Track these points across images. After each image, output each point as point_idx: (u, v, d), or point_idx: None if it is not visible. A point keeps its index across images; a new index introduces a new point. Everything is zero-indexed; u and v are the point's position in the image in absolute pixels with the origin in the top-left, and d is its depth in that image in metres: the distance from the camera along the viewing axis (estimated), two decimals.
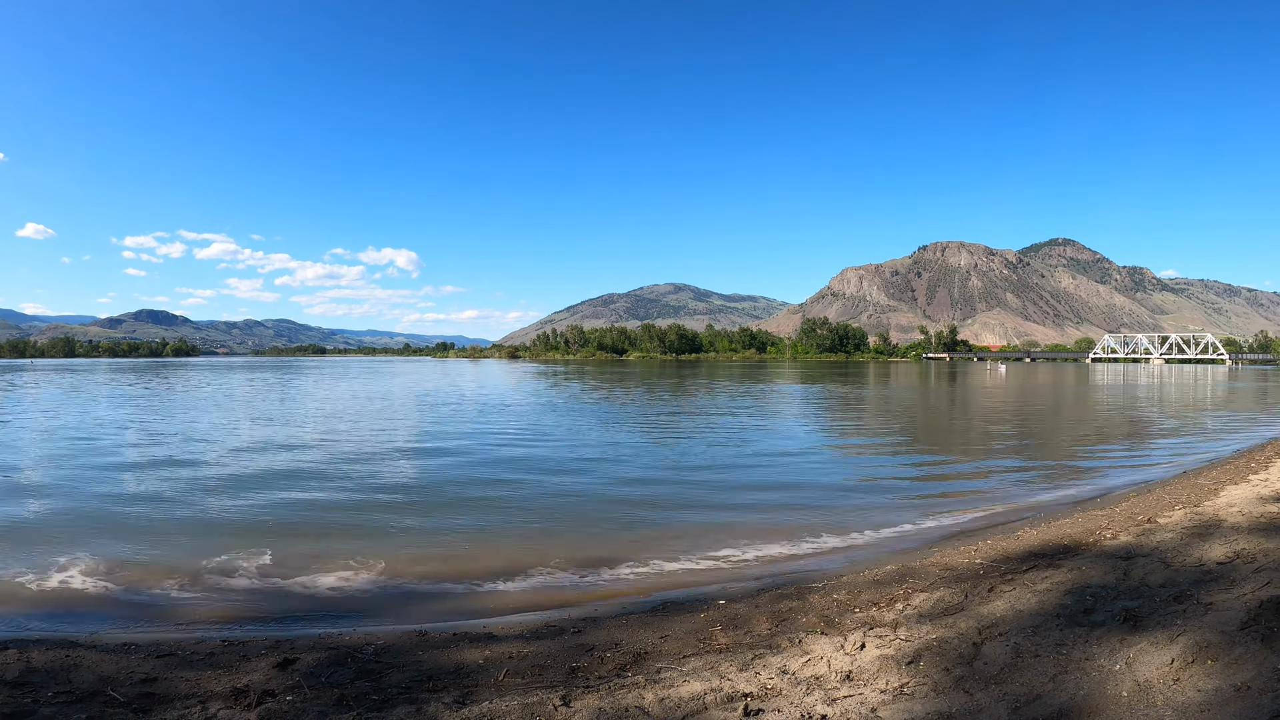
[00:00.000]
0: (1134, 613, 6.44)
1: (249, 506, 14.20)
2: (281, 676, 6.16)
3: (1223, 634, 5.57)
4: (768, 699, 5.45)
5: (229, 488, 15.93)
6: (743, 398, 48.59)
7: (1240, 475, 15.32)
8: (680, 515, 13.69)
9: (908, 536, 12.53)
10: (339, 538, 12.07)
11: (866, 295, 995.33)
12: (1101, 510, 13.20)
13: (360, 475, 17.82)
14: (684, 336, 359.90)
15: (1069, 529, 11.47)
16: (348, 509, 14.11)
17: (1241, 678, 4.80)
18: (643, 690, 5.63)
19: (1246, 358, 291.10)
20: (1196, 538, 9.37)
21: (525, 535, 12.29)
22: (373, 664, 6.57)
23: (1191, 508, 11.87)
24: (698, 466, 19.51)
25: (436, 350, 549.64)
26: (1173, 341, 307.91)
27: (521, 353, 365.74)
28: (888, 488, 16.82)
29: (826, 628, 7.30)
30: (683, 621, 7.97)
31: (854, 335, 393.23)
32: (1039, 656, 5.76)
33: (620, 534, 12.37)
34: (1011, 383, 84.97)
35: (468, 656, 6.81)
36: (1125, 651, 5.57)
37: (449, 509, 14.07)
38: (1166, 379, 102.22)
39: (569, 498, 15.10)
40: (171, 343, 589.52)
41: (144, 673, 6.28)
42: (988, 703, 5.08)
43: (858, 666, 6.01)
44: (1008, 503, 15.27)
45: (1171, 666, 5.17)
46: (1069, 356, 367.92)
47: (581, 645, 7.13)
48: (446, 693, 5.83)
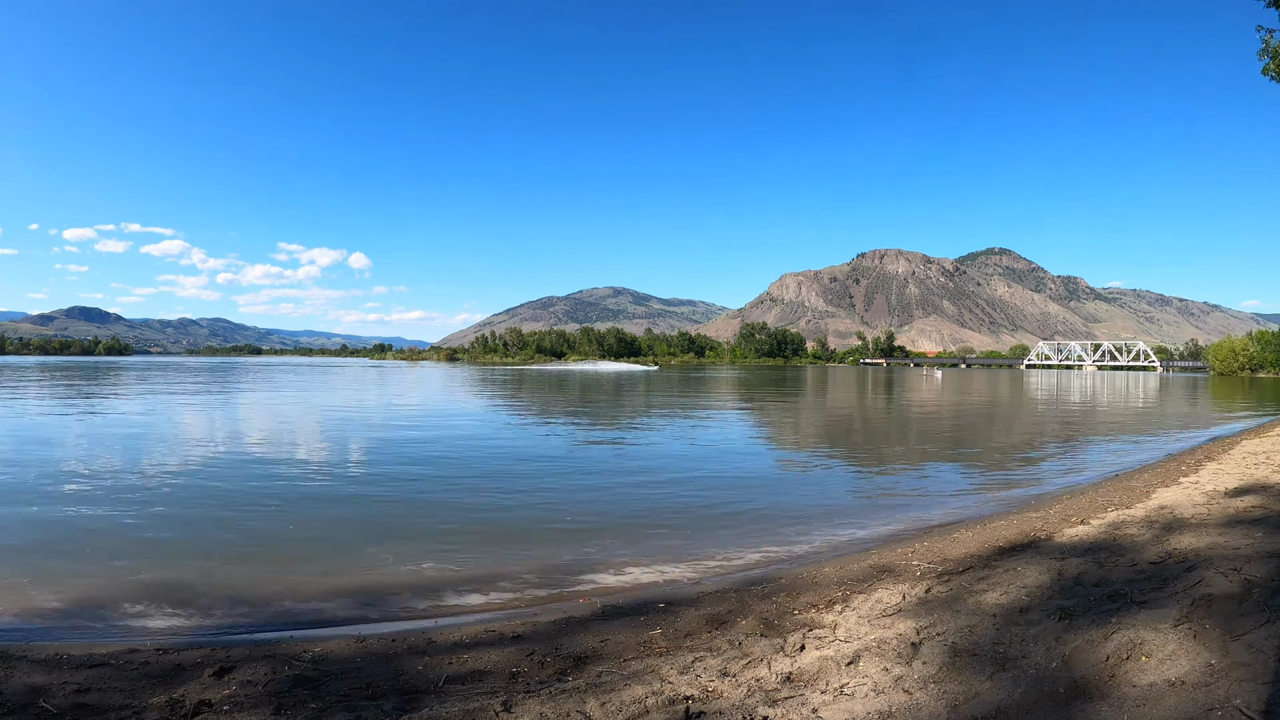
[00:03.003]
0: (1069, 611, 6.59)
1: (177, 520, 13.73)
2: (218, 685, 6.09)
3: (1156, 631, 5.73)
4: (709, 701, 5.47)
5: (155, 501, 15.37)
6: (683, 410, 48.66)
7: (1171, 478, 15.84)
8: (620, 525, 13.62)
9: (846, 541, 12.66)
10: (270, 549, 11.76)
11: (805, 301, 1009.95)
12: (1036, 512, 13.52)
13: (290, 487, 17.38)
14: (623, 340, 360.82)
15: (1004, 531, 11.72)
16: (277, 521, 13.75)
17: (1176, 673, 4.95)
18: (584, 694, 5.65)
19: (1177, 365, 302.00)
20: (1129, 538, 9.66)
21: (462, 545, 12.11)
22: (311, 671, 6.49)
23: (1124, 509, 12.24)
24: (636, 476, 19.48)
25: (374, 352, 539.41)
26: (1105, 349, 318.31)
27: (460, 355, 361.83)
28: (826, 495, 17.00)
29: (766, 630, 7.35)
30: (623, 626, 7.95)
31: (792, 340, 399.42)
32: (976, 655, 5.87)
33: (559, 543, 12.26)
34: (948, 389, 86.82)
35: (407, 663, 6.78)
36: (1061, 649, 5.70)
37: (383, 520, 13.80)
38: (1099, 385, 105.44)
39: (504, 510, 14.92)
40: (104, 341, 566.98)
41: (77, 683, 6.16)
42: (926, 701, 5.15)
43: (798, 668, 6.06)
44: (945, 506, 15.55)
45: (1107, 663, 5.30)
46: (1004, 363, 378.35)
47: (521, 650, 7.08)
48: (386, 700, 5.81)
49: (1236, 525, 9.64)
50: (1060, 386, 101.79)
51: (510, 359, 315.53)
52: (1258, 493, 12.39)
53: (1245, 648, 5.18)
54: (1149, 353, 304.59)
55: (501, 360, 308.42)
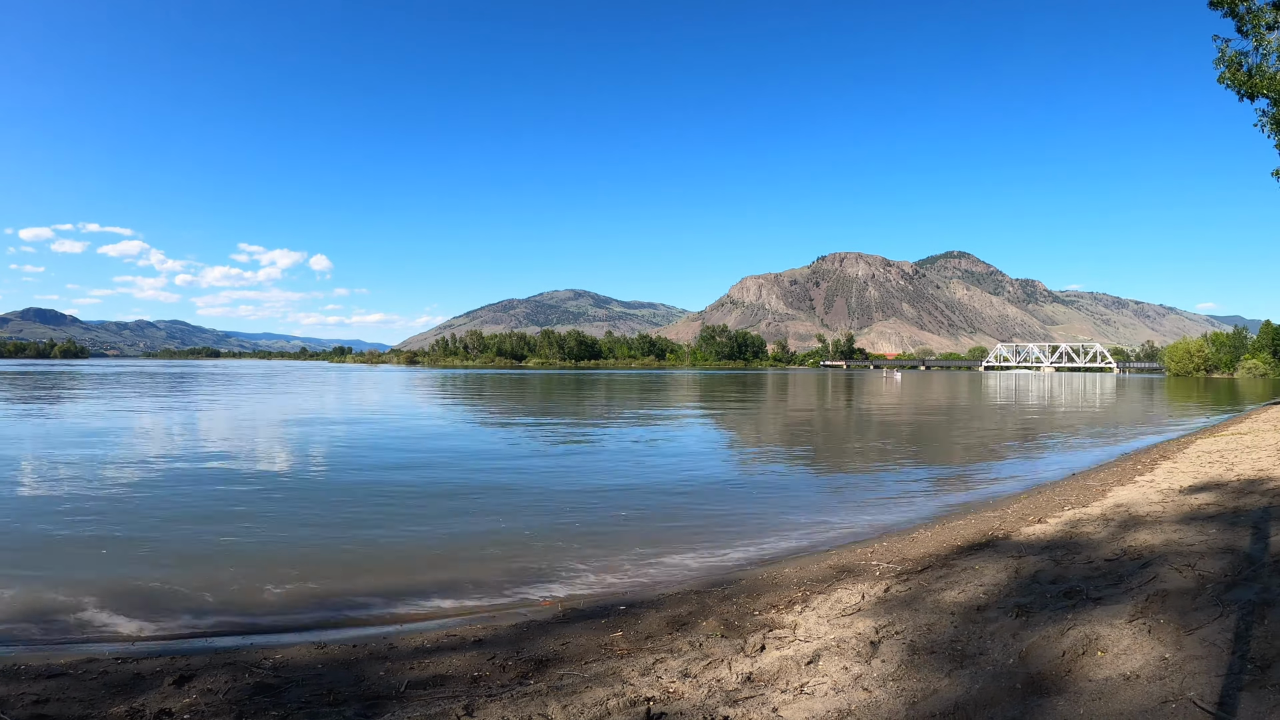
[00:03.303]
0: (1026, 609, 6.64)
1: (134, 528, 13.41)
2: (178, 694, 6.02)
3: (1112, 626, 5.79)
4: (670, 702, 5.45)
5: (110, 509, 15.01)
6: (642, 419, 48.67)
7: (1127, 477, 16.08)
8: (580, 529, 13.55)
9: (806, 543, 12.68)
10: (230, 555, 11.54)
11: (765, 304, 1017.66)
12: (994, 512, 13.66)
13: (248, 494, 17.08)
14: (584, 343, 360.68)
15: (963, 530, 11.82)
16: (235, 527, 13.50)
17: (1131, 667, 4.99)
18: (545, 697, 5.65)
19: (1133, 366, 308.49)
20: (1086, 536, 9.78)
21: (423, 550, 11.97)
22: (271, 679, 6.42)
23: (1081, 508, 12.40)
24: (595, 480, 19.42)
25: (333, 355, 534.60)
26: (1063, 351, 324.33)
27: (420, 358, 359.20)
28: (786, 497, 17.03)
29: (727, 631, 7.35)
30: (585, 629, 7.92)
31: (752, 343, 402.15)
32: (934, 654, 5.89)
33: (520, 548, 12.16)
34: (907, 391, 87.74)
35: (368, 669, 6.73)
36: (1018, 646, 5.74)
37: (342, 526, 13.60)
38: (1057, 387, 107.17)
39: (465, 515, 14.78)
40: (60, 344, 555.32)
41: (35, 694, 6.05)
42: (885, 699, 5.16)
43: (758, 668, 6.05)
44: (904, 507, 15.68)
45: (1063, 659, 5.34)
46: (963, 365, 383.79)
47: (483, 654, 7.03)
48: (347, 706, 5.78)
49: (1191, 522, 9.79)
50: (1018, 388, 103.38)
51: (471, 362, 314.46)
52: (1211, 490, 12.61)
53: (1199, 642, 5.24)
54: (1106, 354, 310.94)
55: (462, 363, 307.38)
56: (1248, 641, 5.10)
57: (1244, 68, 27.03)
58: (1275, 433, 23.31)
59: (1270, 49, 26.52)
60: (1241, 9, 26.42)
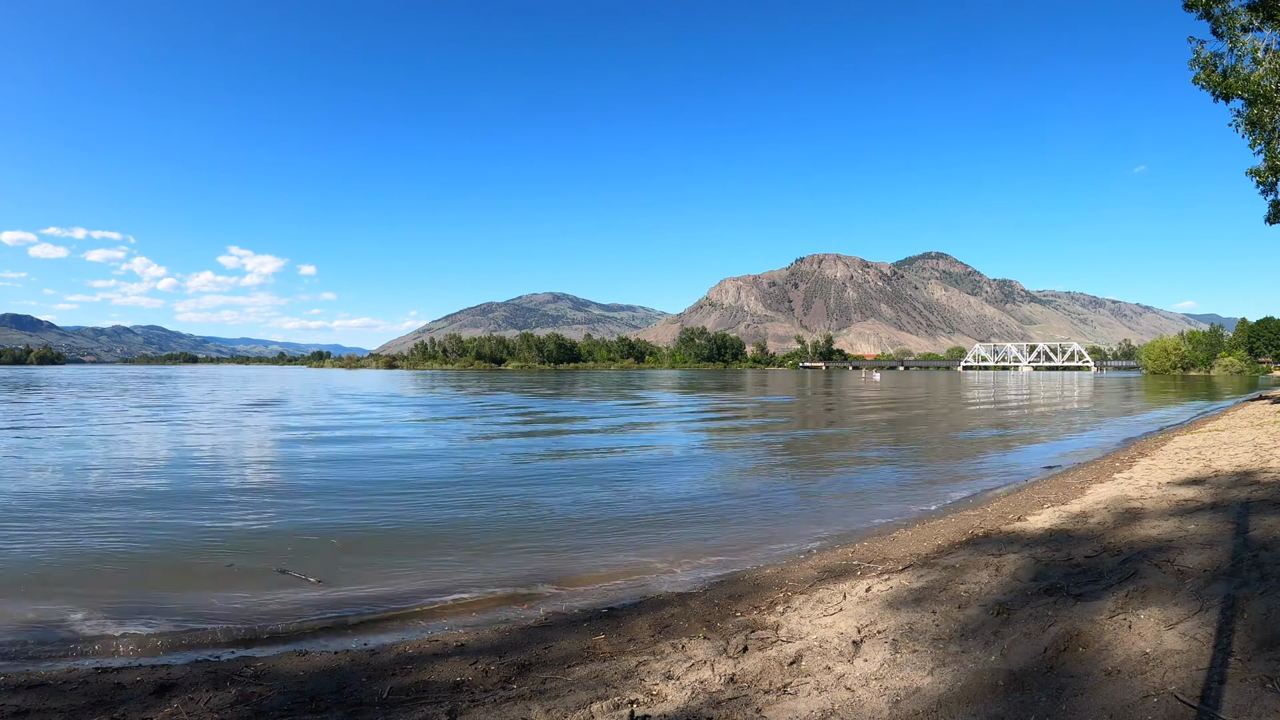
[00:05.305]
0: (1007, 606, 6.72)
1: (113, 537, 13.26)
2: (159, 704, 5.99)
3: (1093, 623, 5.88)
4: (653, 704, 5.48)
5: (87, 519, 14.82)
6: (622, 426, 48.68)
7: (1106, 474, 16.26)
8: (562, 533, 13.53)
9: (789, 545, 12.72)
10: (210, 564, 11.44)
11: (744, 305, 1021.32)
12: (975, 511, 13.77)
13: (227, 501, 16.94)
14: (563, 346, 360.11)
15: (944, 529, 11.92)
16: (215, 535, 13.38)
17: (1112, 662, 5.08)
18: (529, 701, 5.66)
19: (1111, 365, 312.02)
20: (1066, 533, 9.89)
21: (404, 557, 11.90)
22: (253, 687, 6.38)
23: (1060, 505, 12.53)
24: (576, 484, 19.40)
25: (311, 359, 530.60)
26: (1041, 350, 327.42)
27: (399, 362, 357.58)
28: (767, 499, 17.05)
29: (709, 632, 7.37)
30: (568, 633, 7.92)
31: (732, 345, 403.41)
32: (916, 651, 5.94)
33: (502, 553, 12.13)
34: (886, 391, 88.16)
35: (350, 676, 6.69)
36: (999, 643, 5.81)
37: (323, 535, 13.51)
38: (1035, 386, 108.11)
39: (446, 520, 14.71)
40: (36, 350, 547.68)
41: (15, 705, 6.00)
42: (867, 697, 5.20)
43: (741, 669, 6.08)
44: (885, 507, 15.74)
45: (1045, 655, 5.42)
46: (942, 365, 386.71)
47: (466, 660, 7.01)
48: (330, 713, 5.76)
49: (1170, 518, 9.94)
50: (997, 387, 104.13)
51: (450, 366, 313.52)
52: (1190, 486, 12.79)
53: (1180, 636, 5.33)
54: (1083, 353, 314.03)
55: (441, 367, 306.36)
56: (1228, 635, 5.19)
57: (1219, 69, 27.47)
58: (1252, 429, 23.64)
59: (1244, 50, 26.97)
60: (1216, 11, 26.85)
